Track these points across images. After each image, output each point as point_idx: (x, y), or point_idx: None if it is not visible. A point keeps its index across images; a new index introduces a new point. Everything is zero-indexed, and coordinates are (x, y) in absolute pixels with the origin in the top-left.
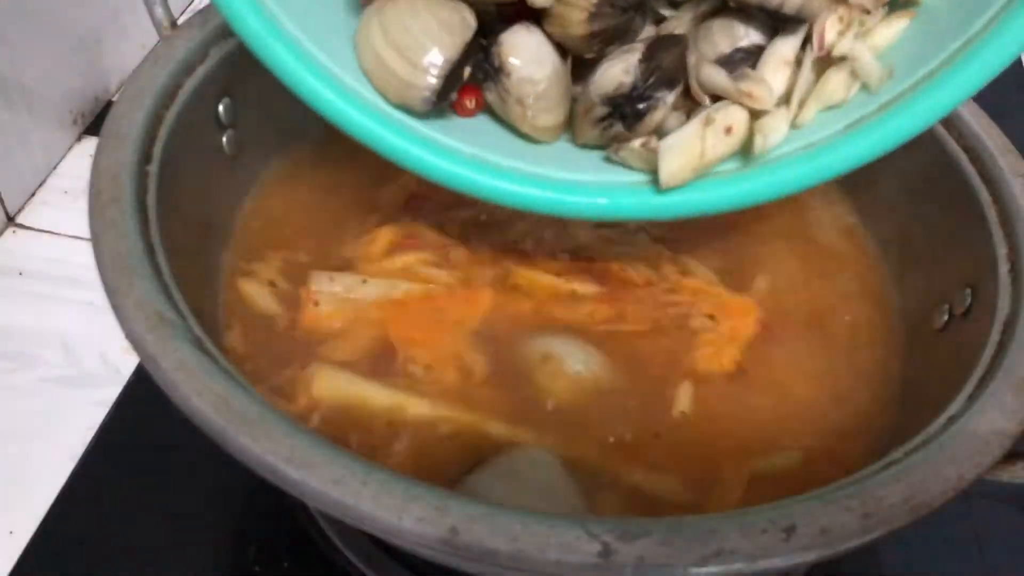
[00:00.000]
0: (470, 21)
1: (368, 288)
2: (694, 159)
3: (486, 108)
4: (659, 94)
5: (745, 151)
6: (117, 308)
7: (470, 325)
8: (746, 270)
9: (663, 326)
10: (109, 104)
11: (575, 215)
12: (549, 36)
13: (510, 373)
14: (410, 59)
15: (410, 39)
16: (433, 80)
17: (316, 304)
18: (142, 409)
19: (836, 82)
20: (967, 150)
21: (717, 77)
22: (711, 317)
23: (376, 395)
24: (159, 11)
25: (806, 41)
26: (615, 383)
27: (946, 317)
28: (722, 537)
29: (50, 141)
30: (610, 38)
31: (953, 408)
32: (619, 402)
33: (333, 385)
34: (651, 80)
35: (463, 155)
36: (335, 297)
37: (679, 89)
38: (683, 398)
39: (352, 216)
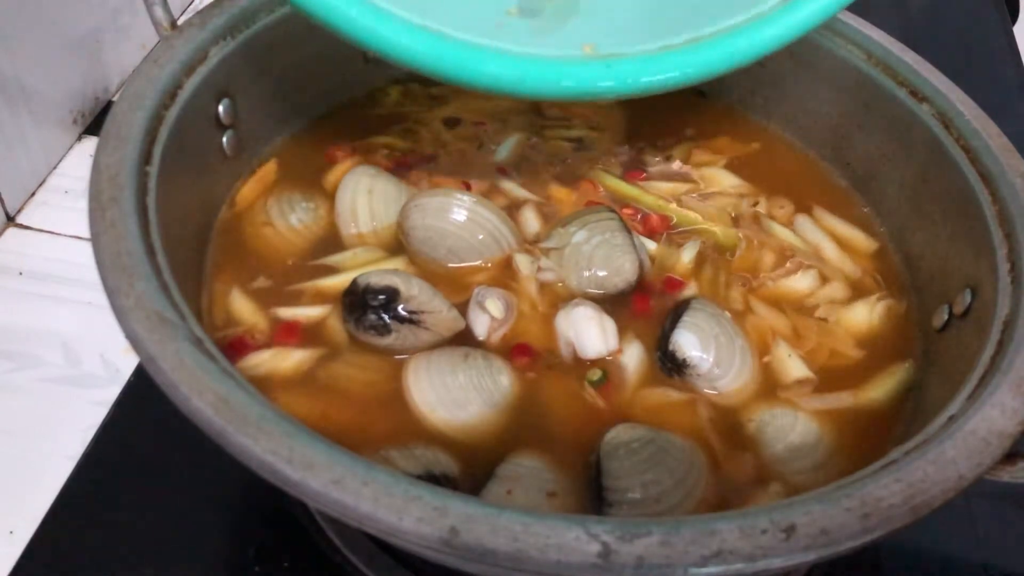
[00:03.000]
0: None
1: None
2: None
3: None
4: None
5: None
6: (117, 308)
7: None
8: None
9: None
10: (109, 104)
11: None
12: None
13: None
14: None
15: None
16: None
17: None
18: (142, 409)
19: None
20: (967, 150)
21: None
22: None
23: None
24: (159, 11)
25: None
26: None
27: (946, 317)
28: (722, 537)
29: (50, 141)
30: None
31: (953, 408)
32: None
33: None
34: None
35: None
36: None
37: None
38: None
39: None
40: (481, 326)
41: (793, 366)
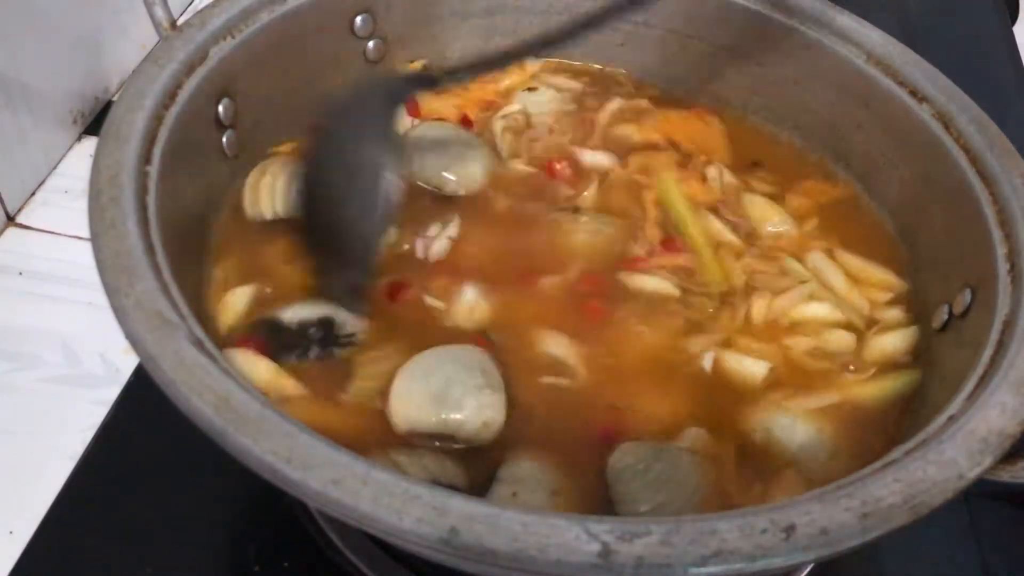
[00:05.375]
0: None
1: None
2: None
3: None
4: None
5: None
6: (117, 308)
7: None
8: None
9: None
10: (109, 104)
11: None
12: None
13: None
14: None
15: None
16: None
17: None
18: (142, 409)
19: None
20: (967, 150)
21: None
22: None
23: None
24: (159, 11)
25: None
26: None
27: (946, 317)
28: (722, 537)
29: (50, 141)
30: None
31: (953, 408)
32: None
33: None
34: None
35: None
36: None
37: None
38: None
39: None
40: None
41: (747, 366)
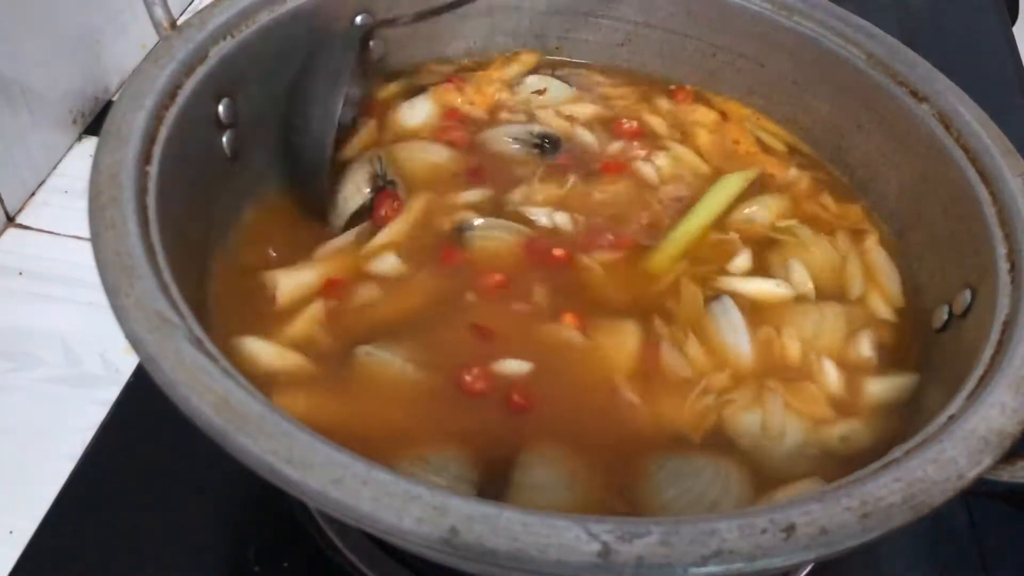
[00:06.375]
0: None
1: None
2: None
3: None
4: None
5: None
6: (117, 308)
7: None
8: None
9: None
10: (109, 104)
11: None
12: None
13: None
14: None
15: None
16: None
17: None
18: (142, 409)
19: None
20: (967, 150)
21: None
22: None
23: None
24: (159, 11)
25: None
26: None
27: (946, 317)
28: (722, 537)
29: (50, 141)
30: None
31: (953, 408)
32: None
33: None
34: None
35: None
36: None
37: None
38: None
39: None
40: None
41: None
